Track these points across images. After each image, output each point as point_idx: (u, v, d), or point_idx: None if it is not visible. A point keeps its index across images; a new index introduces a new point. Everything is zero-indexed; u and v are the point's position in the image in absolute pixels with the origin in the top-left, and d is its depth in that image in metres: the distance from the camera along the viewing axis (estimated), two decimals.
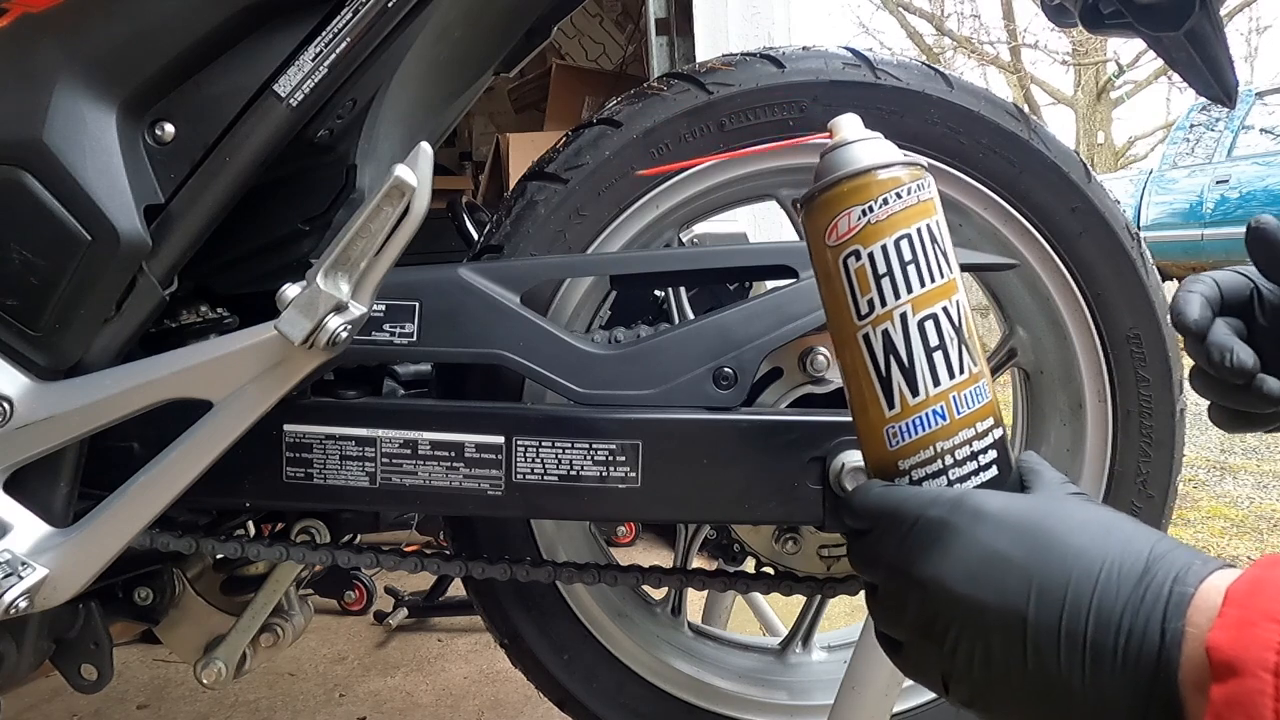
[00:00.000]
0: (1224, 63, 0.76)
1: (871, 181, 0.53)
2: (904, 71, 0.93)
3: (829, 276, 0.55)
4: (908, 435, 0.53)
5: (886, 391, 0.53)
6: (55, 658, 0.90)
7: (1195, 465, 3.25)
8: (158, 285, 0.77)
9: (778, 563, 0.95)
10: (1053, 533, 0.44)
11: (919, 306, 0.53)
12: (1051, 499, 0.48)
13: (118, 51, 0.74)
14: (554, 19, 1.07)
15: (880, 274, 0.53)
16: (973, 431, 0.52)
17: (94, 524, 0.75)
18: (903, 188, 0.53)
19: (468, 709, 1.60)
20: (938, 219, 0.54)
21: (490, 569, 0.89)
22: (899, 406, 0.53)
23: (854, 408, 0.56)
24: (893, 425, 0.53)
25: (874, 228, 0.53)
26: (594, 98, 3.33)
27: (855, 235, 0.53)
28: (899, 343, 0.53)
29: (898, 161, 0.54)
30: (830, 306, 0.56)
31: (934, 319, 0.53)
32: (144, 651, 1.83)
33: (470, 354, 0.83)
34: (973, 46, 11.62)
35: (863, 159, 0.54)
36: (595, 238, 0.93)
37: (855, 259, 0.53)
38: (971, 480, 0.52)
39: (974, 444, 0.52)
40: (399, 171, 0.65)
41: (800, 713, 1.02)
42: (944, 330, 0.53)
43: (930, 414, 0.52)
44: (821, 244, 0.55)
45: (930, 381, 0.52)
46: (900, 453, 0.53)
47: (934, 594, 0.46)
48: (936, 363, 0.52)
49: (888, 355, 0.53)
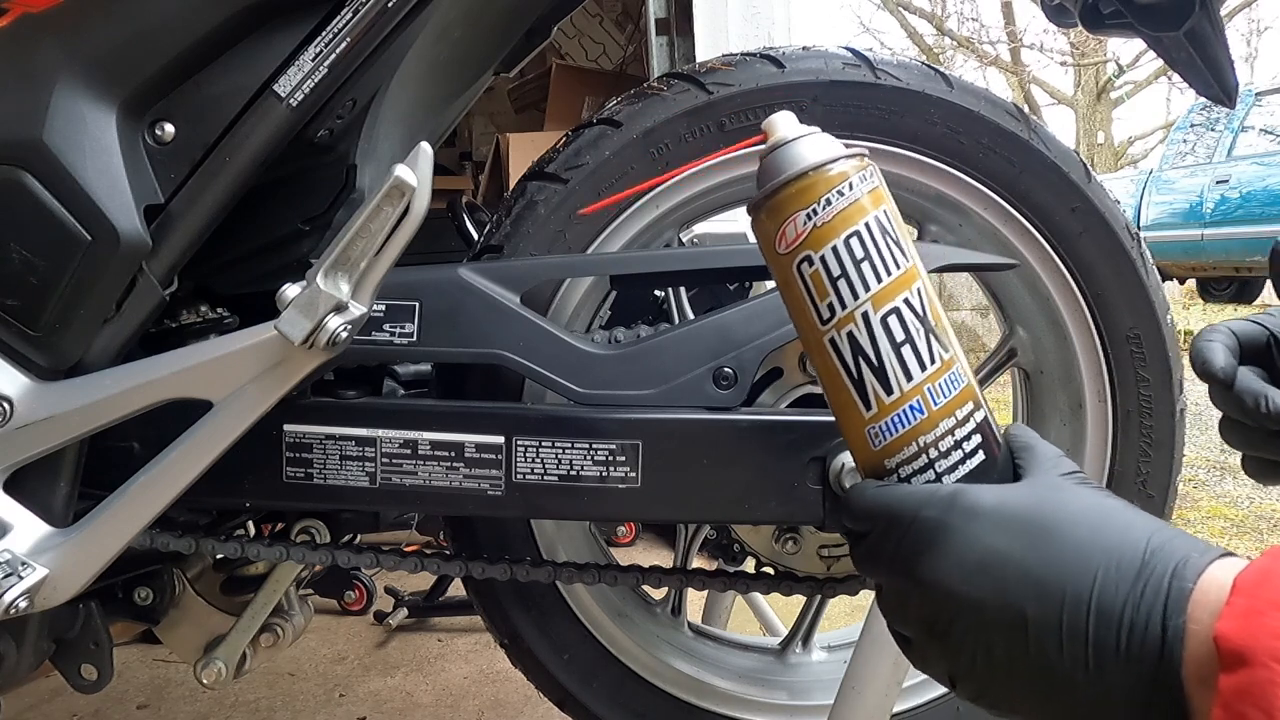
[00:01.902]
0: (1224, 63, 0.76)
1: (813, 182, 0.52)
2: (904, 71, 0.93)
3: (786, 284, 0.54)
4: (889, 434, 0.52)
5: (861, 393, 0.52)
6: (55, 658, 0.90)
7: (1195, 465, 3.25)
8: (158, 285, 0.77)
9: (778, 563, 0.95)
10: (1049, 527, 0.44)
11: (879, 303, 0.51)
12: (1046, 487, 0.48)
13: (118, 51, 0.74)
14: (554, 19, 1.07)
15: (835, 276, 0.52)
16: (953, 420, 0.51)
17: (94, 524, 0.75)
18: (845, 183, 0.52)
19: (468, 709, 1.60)
20: (886, 208, 0.53)
21: (490, 569, 0.89)
22: (875, 407, 0.52)
23: (834, 411, 0.55)
24: (873, 426, 0.52)
25: (821, 230, 0.52)
26: (594, 98, 3.33)
27: (804, 240, 0.52)
28: (865, 343, 0.52)
29: (837, 156, 0.52)
30: (793, 314, 0.55)
31: (897, 313, 0.52)
32: (144, 651, 1.83)
33: (470, 354, 0.83)
34: (973, 46, 11.62)
35: (801, 159, 0.52)
36: (595, 238, 0.93)
37: (808, 264, 0.52)
38: (960, 469, 0.51)
39: (956, 432, 0.51)
40: (399, 171, 0.65)
41: (800, 713, 1.02)
42: (908, 323, 0.52)
43: (908, 410, 0.51)
44: (773, 252, 0.54)
45: (902, 377, 0.51)
46: (884, 452, 0.52)
47: (935, 594, 0.46)
48: (906, 357, 0.51)
49: (856, 357, 0.52)
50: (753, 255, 0.92)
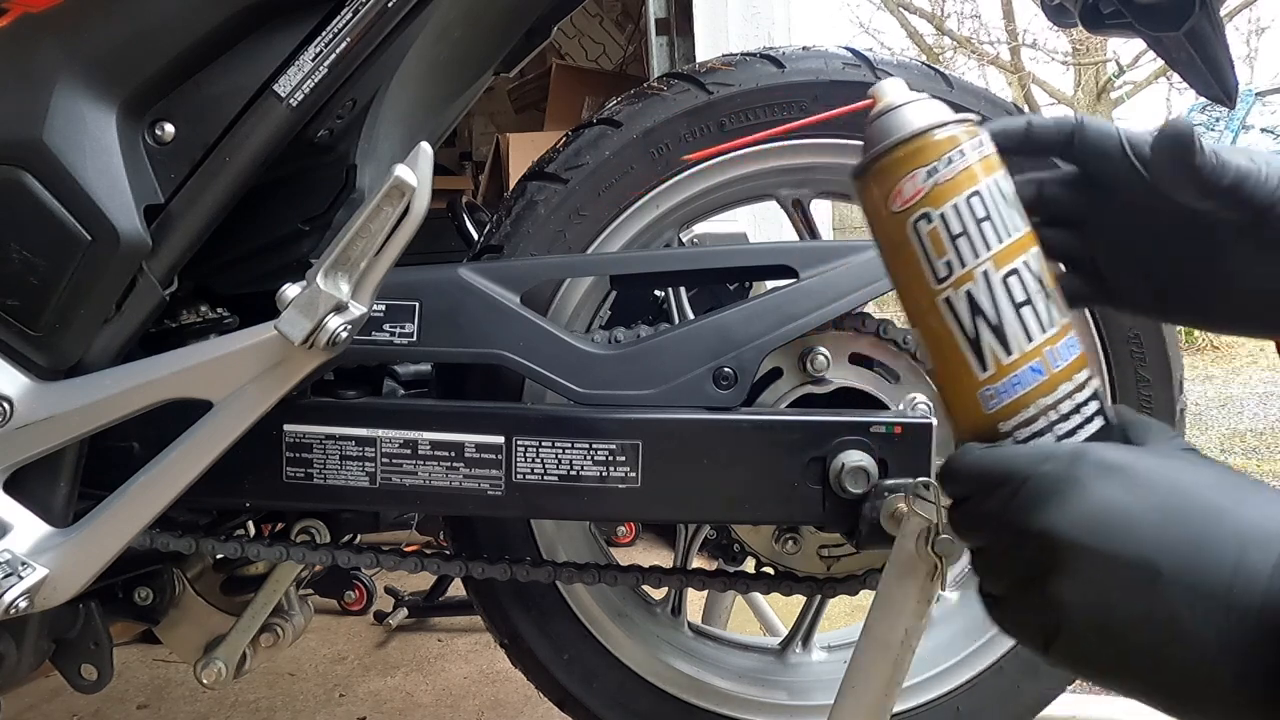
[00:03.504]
0: (1224, 63, 0.76)
1: (933, 141, 0.51)
2: (904, 71, 0.93)
3: (898, 245, 0.53)
4: (1006, 396, 0.51)
5: (977, 354, 0.51)
6: (55, 658, 0.90)
7: None
8: (158, 285, 0.77)
9: (778, 563, 0.95)
10: (1187, 489, 0.43)
11: (1000, 262, 0.51)
12: (1174, 455, 0.47)
13: (118, 51, 0.74)
14: (554, 19, 1.07)
15: (955, 234, 0.51)
16: (1072, 384, 0.51)
17: (94, 524, 0.75)
18: (967, 143, 0.52)
19: (468, 709, 1.60)
20: (1003, 173, 0.53)
21: (490, 569, 0.89)
22: (992, 368, 0.51)
23: (940, 375, 0.54)
24: (988, 388, 0.51)
25: (942, 187, 0.51)
26: (594, 98, 3.33)
27: (923, 197, 0.51)
28: (984, 302, 0.51)
29: (955, 119, 0.52)
30: (902, 276, 0.54)
31: (1017, 274, 0.51)
32: (144, 651, 1.83)
33: (470, 354, 0.83)
34: (973, 46, 11.62)
35: (920, 119, 0.52)
36: (595, 238, 0.93)
37: (926, 222, 0.52)
38: (1079, 434, 0.50)
39: (1075, 397, 0.51)
40: (399, 171, 0.65)
41: (800, 713, 1.02)
42: (1028, 284, 0.51)
43: (1028, 371, 0.50)
44: (884, 212, 0.53)
45: (1023, 338, 0.51)
46: (999, 415, 0.51)
47: (1053, 548, 0.44)
48: (1026, 318, 0.51)
49: (974, 316, 0.51)
50: (753, 255, 0.92)
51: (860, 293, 0.83)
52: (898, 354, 0.89)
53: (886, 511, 0.80)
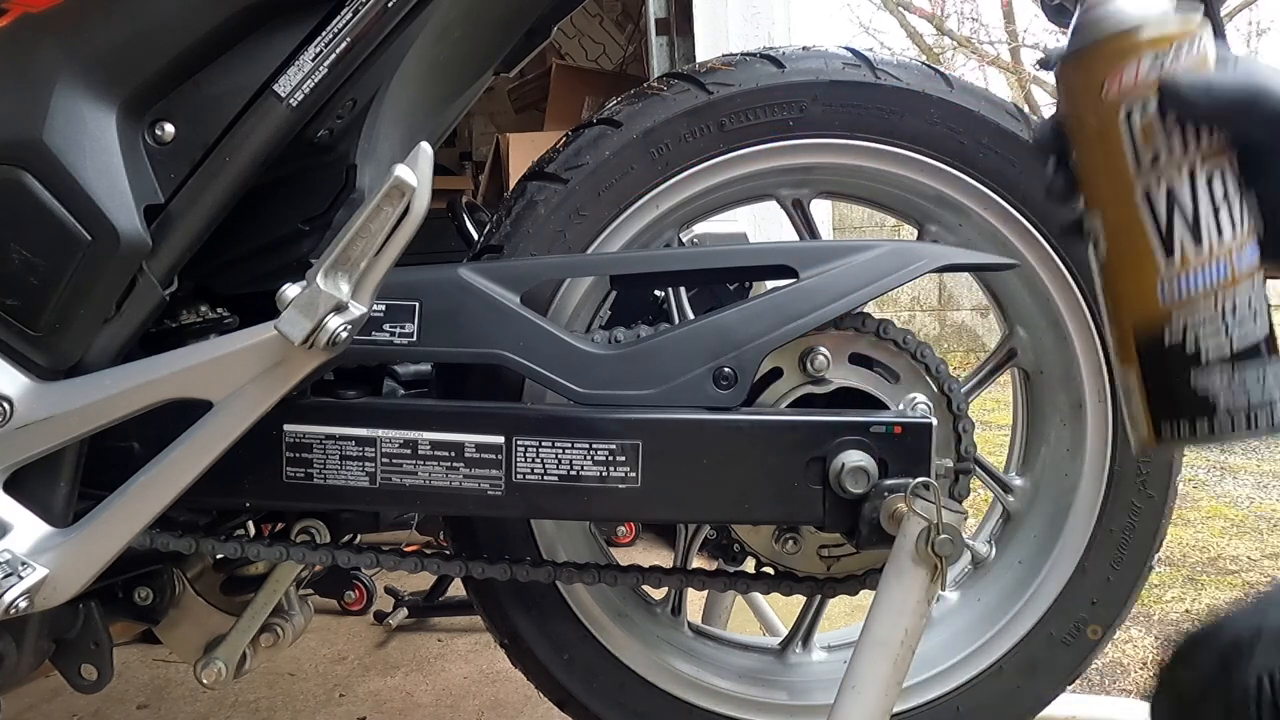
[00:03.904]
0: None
1: (1168, 32, 0.52)
2: (904, 71, 0.93)
3: (1103, 131, 0.53)
4: (1188, 289, 0.51)
5: (1167, 244, 0.52)
6: (55, 658, 0.90)
7: (1195, 465, 3.25)
8: (158, 285, 0.77)
9: (778, 563, 0.95)
10: None
11: (1206, 160, 0.51)
12: None
13: (118, 51, 0.74)
14: (554, 19, 1.07)
15: (1170, 126, 0.51)
16: (1251, 289, 0.51)
17: (94, 524, 0.75)
18: (1196, 38, 0.52)
19: (468, 709, 1.60)
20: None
21: (490, 569, 0.89)
22: (1179, 260, 0.51)
23: (1115, 266, 0.54)
24: (1168, 281, 0.52)
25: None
26: (594, 98, 3.33)
27: (1145, 86, 0.52)
28: (1184, 196, 0.51)
29: (1182, 16, 0.52)
30: (1099, 163, 0.54)
31: (1220, 174, 0.52)
32: (144, 651, 1.83)
33: (470, 354, 0.83)
34: (973, 47, 11.61)
35: (1150, 8, 0.52)
36: (595, 238, 0.93)
37: (1141, 111, 0.52)
38: (1250, 337, 0.51)
39: (1254, 302, 0.51)
40: (399, 171, 0.65)
41: (800, 713, 1.02)
42: (1229, 187, 0.52)
43: (1215, 267, 0.51)
44: (1095, 98, 0.53)
45: (1215, 235, 0.51)
46: (1176, 307, 0.52)
47: None
48: (1221, 217, 0.51)
49: (1170, 206, 0.52)
50: (753, 255, 0.92)
51: (860, 293, 0.83)
52: (898, 354, 0.89)
53: (886, 511, 0.80)
